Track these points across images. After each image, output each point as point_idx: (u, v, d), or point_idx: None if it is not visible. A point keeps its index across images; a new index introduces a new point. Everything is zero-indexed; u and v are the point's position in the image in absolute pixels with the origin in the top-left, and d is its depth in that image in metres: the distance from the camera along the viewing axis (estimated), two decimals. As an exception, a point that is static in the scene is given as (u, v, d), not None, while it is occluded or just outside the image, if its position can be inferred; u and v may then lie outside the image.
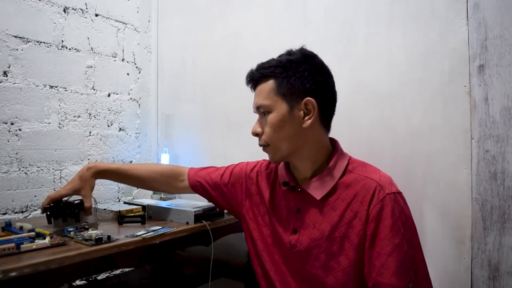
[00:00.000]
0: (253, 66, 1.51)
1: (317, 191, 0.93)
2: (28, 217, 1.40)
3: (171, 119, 1.81)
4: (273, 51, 1.48)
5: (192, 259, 1.57)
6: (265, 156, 1.11)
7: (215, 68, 1.65)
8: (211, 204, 1.30)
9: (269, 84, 0.92)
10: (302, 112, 0.91)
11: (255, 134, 0.97)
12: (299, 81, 0.90)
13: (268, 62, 0.95)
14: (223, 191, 1.13)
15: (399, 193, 0.88)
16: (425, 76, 1.16)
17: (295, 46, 1.41)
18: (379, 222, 0.85)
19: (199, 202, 1.35)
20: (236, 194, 1.11)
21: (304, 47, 0.95)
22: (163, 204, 1.31)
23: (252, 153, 1.37)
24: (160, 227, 1.11)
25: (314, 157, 0.95)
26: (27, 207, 1.41)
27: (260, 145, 0.98)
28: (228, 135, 1.61)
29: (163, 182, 1.21)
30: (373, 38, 1.25)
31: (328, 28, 1.36)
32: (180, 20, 1.78)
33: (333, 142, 0.98)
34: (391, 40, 1.22)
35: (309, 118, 0.90)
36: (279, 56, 0.95)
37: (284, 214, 0.99)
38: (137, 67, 1.81)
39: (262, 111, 0.94)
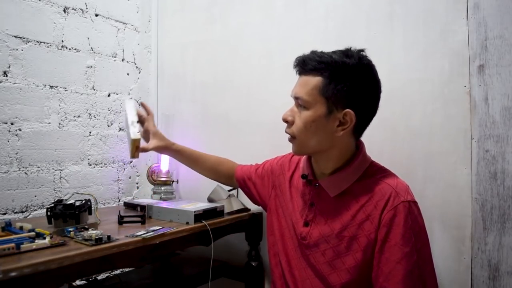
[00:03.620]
0: (255, 66, 1.53)
1: (332, 188, 0.94)
2: (28, 217, 1.40)
3: (171, 119, 1.81)
4: (273, 51, 1.49)
5: (192, 259, 1.57)
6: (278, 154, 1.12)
7: (215, 68, 1.65)
8: (211, 204, 1.31)
9: (316, 80, 0.88)
10: (338, 120, 0.89)
11: (285, 121, 0.95)
12: (347, 90, 0.87)
13: (322, 55, 0.89)
14: (256, 182, 1.21)
15: (414, 202, 0.88)
16: (425, 76, 1.16)
17: (295, 46, 1.43)
18: (390, 229, 0.85)
19: (199, 202, 1.35)
20: (264, 186, 1.17)
21: (363, 53, 0.90)
22: (163, 204, 1.31)
23: (252, 153, 1.37)
24: (160, 227, 1.11)
25: (336, 158, 0.95)
26: (27, 207, 1.40)
27: (287, 133, 0.96)
28: (228, 135, 1.61)
29: (221, 178, 1.36)
30: (373, 38, 1.25)
31: (328, 28, 1.36)
32: (180, 20, 1.78)
33: (358, 143, 0.98)
34: (391, 40, 1.22)
35: (343, 129, 0.89)
36: (334, 53, 0.89)
37: (300, 206, 1.01)
38: (137, 67, 1.81)
39: (300, 103, 0.91)
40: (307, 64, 0.90)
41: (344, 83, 0.86)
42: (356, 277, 0.88)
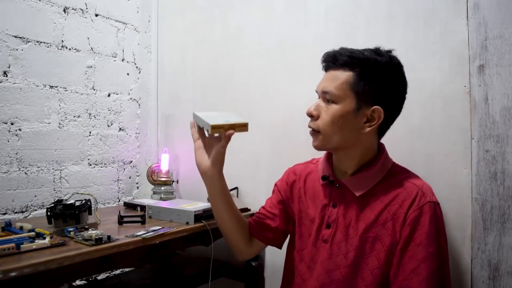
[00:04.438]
0: (255, 66, 1.53)
1: (357, 188, 0.92)
2: (28, 217, 1.40)
3: (171, 119, 1.81)
4: (273, 51, 1.49)
5: (192, 259, 1.57)
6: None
7: (215, 68, 1.65)
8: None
9: (347, 75, 0.89)
10: (366, 117, 0.89)
11: (310, 115, 0.94)
12: (377, 87, 0.88)
13: (353, 51, 0.90)
14: (280, 208, 1.08)
15: (438, 204, 0.88)
16: (425, 76, 1.16)
17: (294, 46, 1.43)
18: (415, 228, 0.85)
19: (199, 202, 1.35)
20: (286, 206, 1.08)
21: (393, 53, 0.92)
22: (163, 204, 1.31)
23: (252, 152, 1.37)
24: (160, 227, 1.11)
25: (359, 157, 0.94)
26: (27, 207, 1.40)
27: (310, 127, 0.95)
28: (228, 135, 1.61)
29: (242, 237, 1.09)
30: (373, 38, 1.25)
31: (328, 28, 1.36)
32: (180, 20, 1.78)
33: (380, 145, 0.98)
34: (391, 40, 1.22)
35: (370, 126, 0.90)
36: (365, 51, 0.91)
37: (319, 208, 0.98)
38: (137, 67, 1.81)
39: (328, 98, 0.91)
40: (338, 59, 0.90)
41: (375, 80, 0.88)
42: (378, 279, 0.87)
